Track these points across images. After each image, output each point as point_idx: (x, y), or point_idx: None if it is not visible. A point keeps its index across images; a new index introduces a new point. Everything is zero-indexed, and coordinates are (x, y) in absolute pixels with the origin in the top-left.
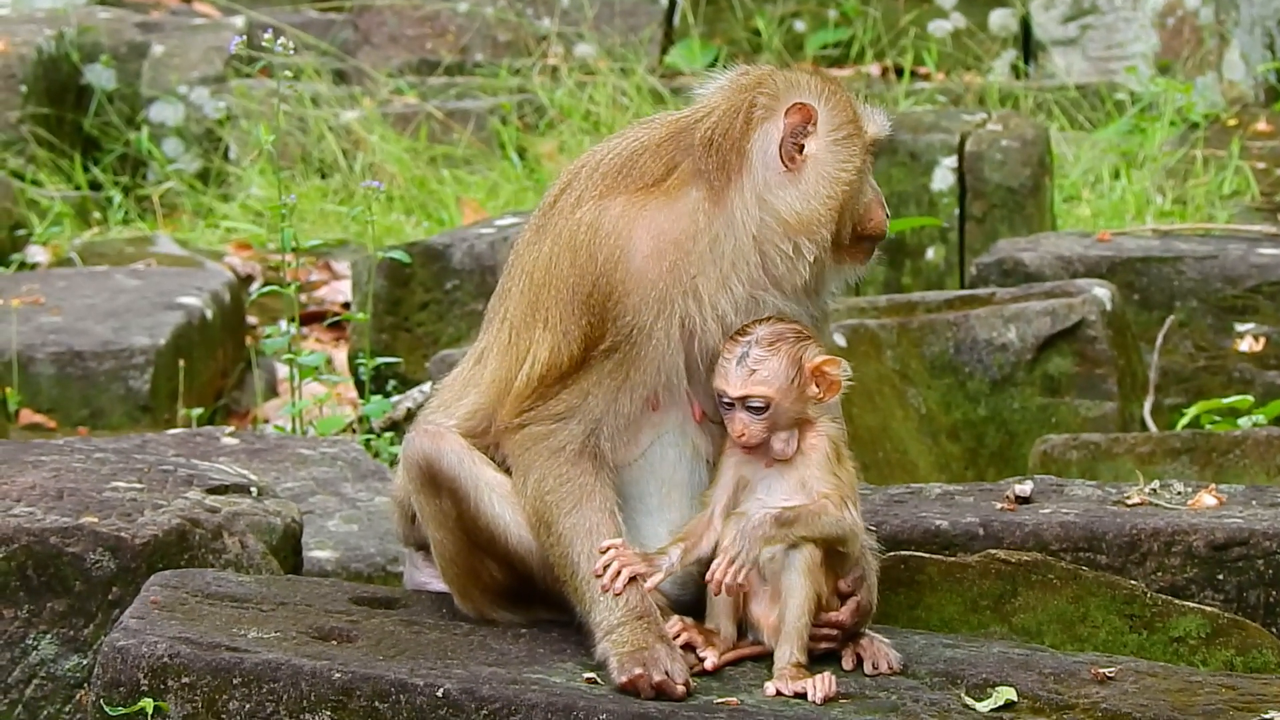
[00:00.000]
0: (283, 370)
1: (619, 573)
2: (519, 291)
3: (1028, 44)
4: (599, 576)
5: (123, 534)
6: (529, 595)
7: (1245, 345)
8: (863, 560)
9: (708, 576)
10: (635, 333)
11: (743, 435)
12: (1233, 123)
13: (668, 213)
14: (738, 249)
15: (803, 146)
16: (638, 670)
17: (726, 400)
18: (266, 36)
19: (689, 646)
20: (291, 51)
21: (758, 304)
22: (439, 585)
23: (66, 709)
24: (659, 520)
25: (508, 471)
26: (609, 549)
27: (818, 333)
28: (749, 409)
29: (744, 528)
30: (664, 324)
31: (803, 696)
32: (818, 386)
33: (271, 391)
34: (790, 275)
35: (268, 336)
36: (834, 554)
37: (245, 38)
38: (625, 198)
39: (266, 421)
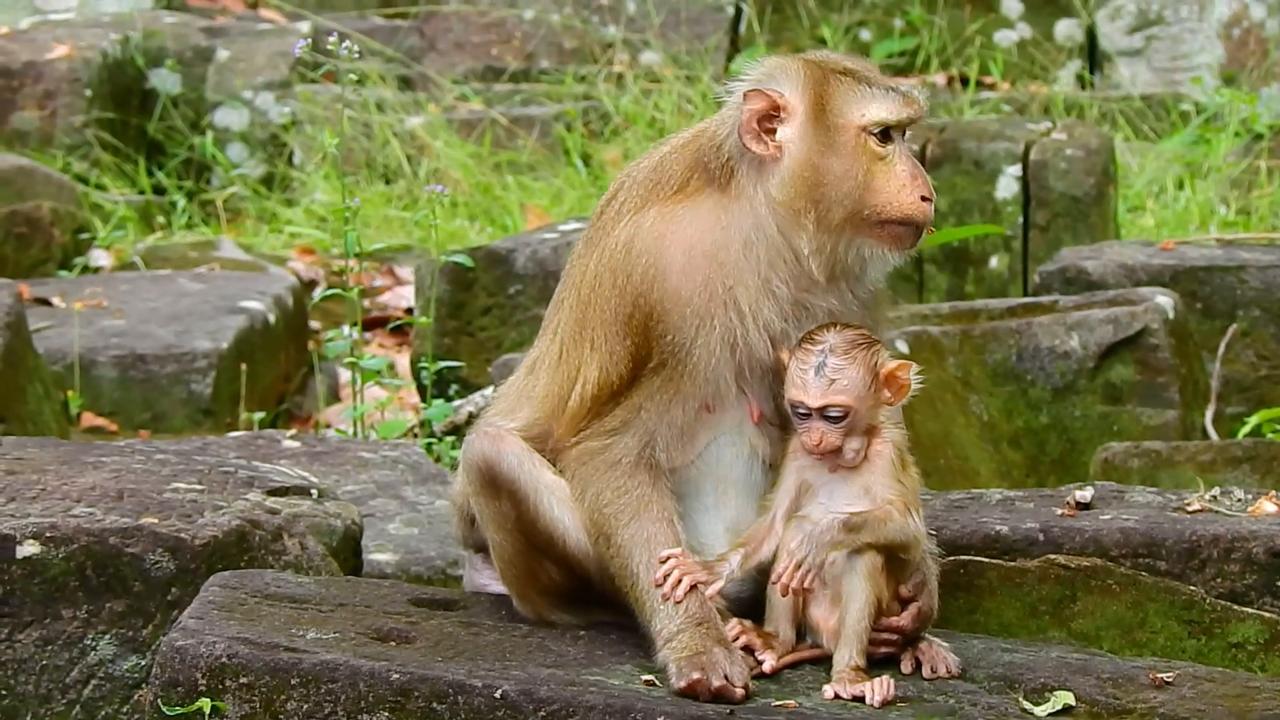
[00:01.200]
0: (345, 375)
1: (679, 581)
2: (569, 306)
3: (1093, 54)
4: (659, 586)
5: (182, 535)
6: (587, 597)
7: None
8: (924, 565)
9: (773, 579)
10: (680, 350)
11: (820, 444)
12: None
13: (695, 223)
14: (769, 246)
15: (775, 132)
16: (696, 675)
17: (803, 410)
18: (331, 40)
19: (747, 649)
20: (356, 56)
21: (805, 308)
22: (498, 587)
23: (124, 709)
24: (715, 518)
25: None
26: (668, 558)
27: (872, 325)
28: (826, 418)
29: (811, 532)
30: (705, 339)
31: (861, 700)
32: (889, 391)
33: (334, 396)
34: (811, 265)
35: (330, 340)
36: (895, 559)
37: (310, 41)
38: (656, 209)
39: (328, 426)
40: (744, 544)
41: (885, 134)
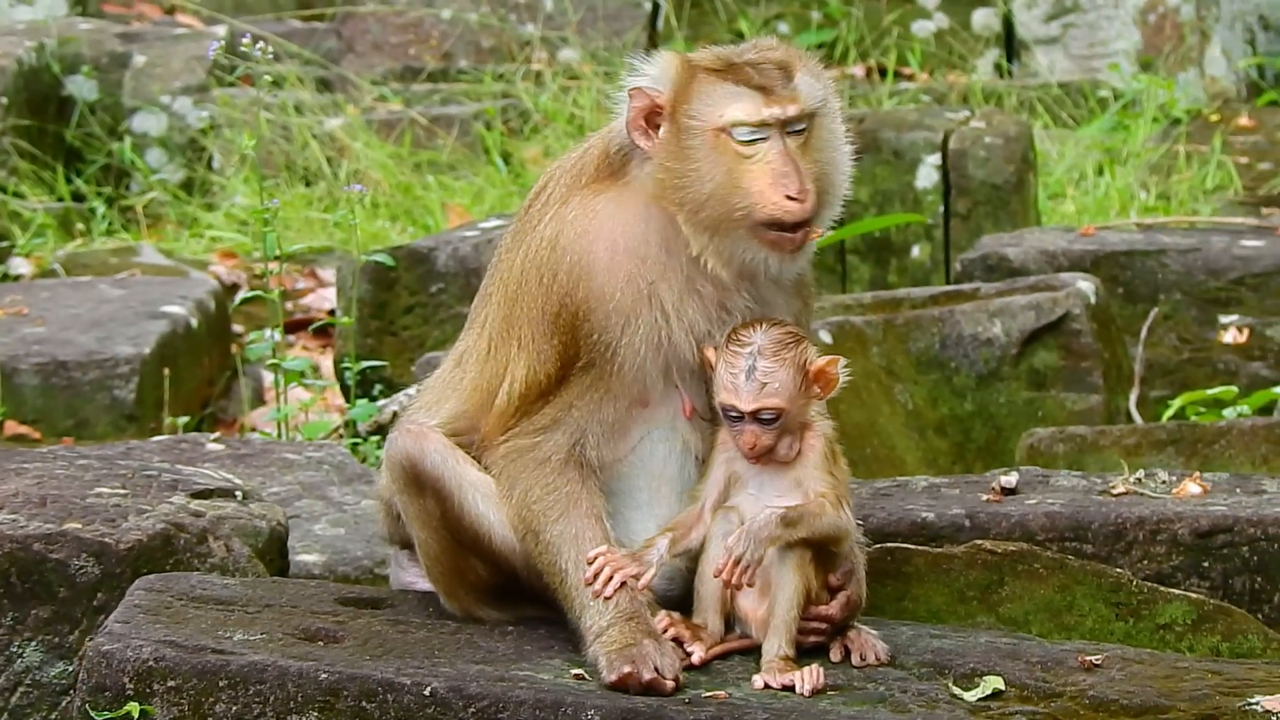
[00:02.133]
0: (269, 378)
1: (610, 578)
2: (497, 302)
3: (1010, 43)
4: (589, 584)
5: (107, 540)
6: (515, 593)
7: (1229, 337)
8: (852, 555)
9: (713, 573)
10: (607, 349)
11: (754, 447)
12: (1215, 118)
13: (617, 218)
14: (683, 243)
15: (658, 128)
16: (627, 668)
17: (735, 414)
18: (245, 42)
19: (676, 641)
20: (271, 58)
21: (726, 308)
22: (425, 585)
23: (53, 716)
24: (648, 515)
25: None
26: (597, 556)
27: (799, 316)
28: (759, 421)
29: (749, 528)
30: (631, 338)
31: (791, 689)
32: (819, 386)
33: (258, 399)
34: (709, 265)
35: (252, 343)
36: (824, 549)
37: (224, 44)
38: (581, 207)
39: (253, 429)
40: (672, 529)
41: (752, 133)
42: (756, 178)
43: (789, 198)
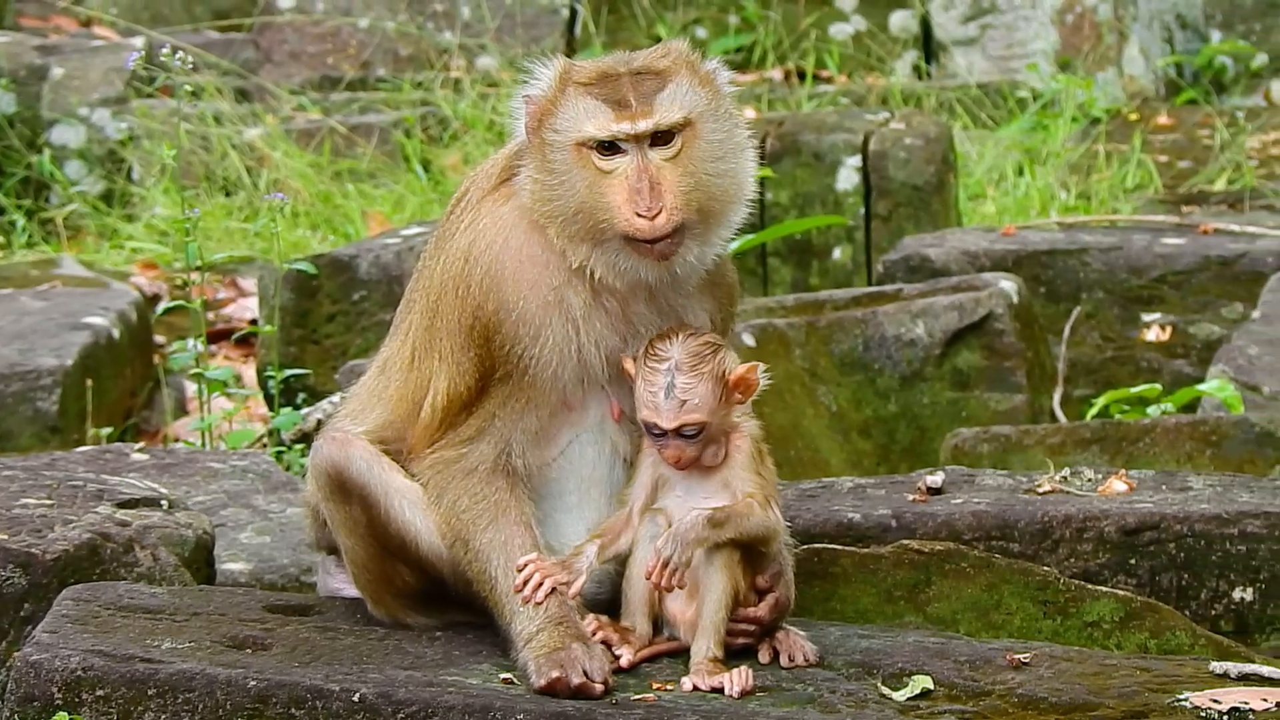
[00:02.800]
0: (191, 388)
1: (539, 584)
2: (419, 310)
3: (928, 45)
4: (519, 591)
5: (33, 550)
6: (442, 599)
7: (1152, 335)
8: (780, 556)
9: (643, 574)
10: (523, 360)
11: (678, 461)
12: (1134, 117)
13: (522, 227)
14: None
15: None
16: (556, 673)
17: (658, 431)
18: (164, 51)
19: (605, 644)
20: (190, 67)
21: (631, 323)
22: (352, 591)
23: None
24: (578, 518)
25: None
26: (526, 564)
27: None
28: (683, 436)
29: (676, 530)
30: (544, 349)
31: (720, 691)
32: (739, 393)
33: (181, 410)
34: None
35: (175, 353)
36: (752, 550)
37: (143, 54)
38: (493, 216)
39: (177, 440)
40: (600, 535)
41: (611, 147)
42: (614, 193)
43: (638, 215)
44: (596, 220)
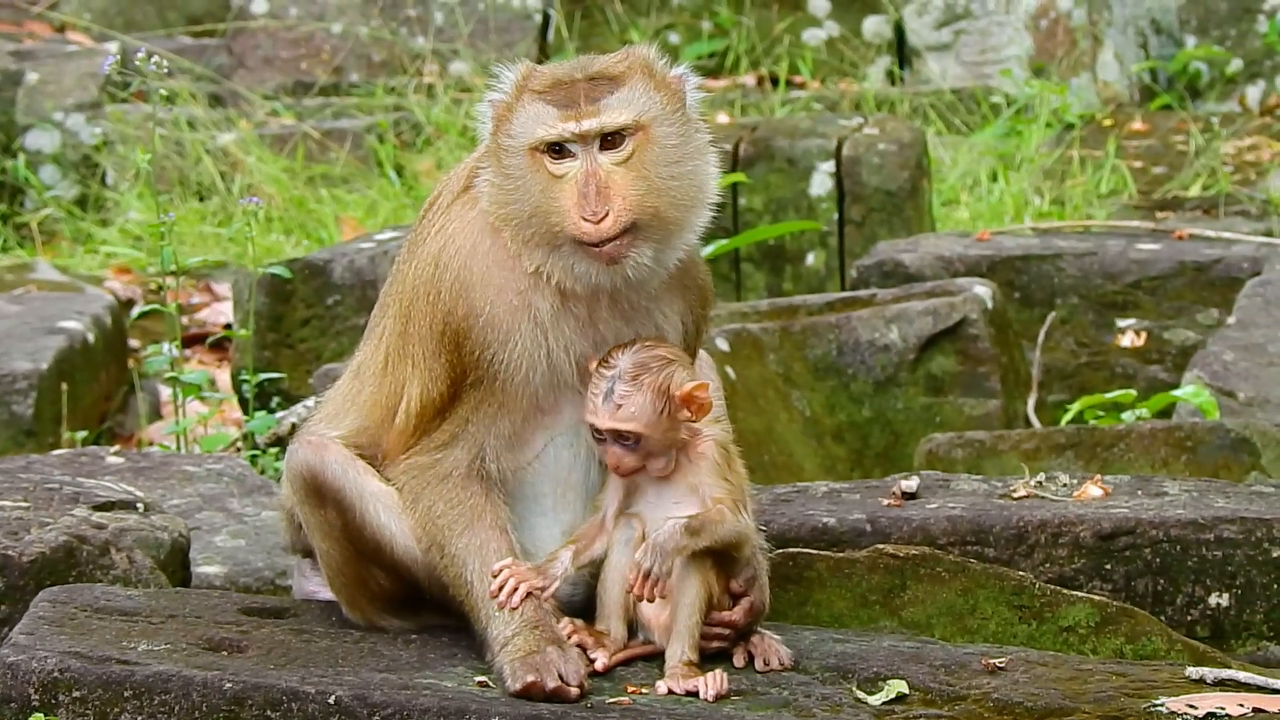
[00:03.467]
0: (166, 392)
1: (515, 589)
2: (393, 315)
3: (902, 50)
4: (495, 596)
5: (9, 552)
6: (417, 602)
7: (1126, 340)
8: (754, 560)
9: (625, 588)
10: (491, 365)
11: (618, 466)
12: (1108, 123)
13: (491, 230)
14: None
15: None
16: (531, 677)
17: (598, 433)
18: (140, 56)
19: (580, 648)
20: (165, 72)
21: (598, 328)
22: (327, 594)
23: None
24: (554, 521)
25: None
26: (501, 569)
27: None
28: (620, 442)
29: (656, 541)
30: (513, 354)
31: (695, 694)
32: (689, 410)
33: (155, 414)
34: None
35: (149, 356)
36: (725, 555)
37: (119, 58)
38: (463, 222)
39: (151, 444)
40: (575, 541)
41: (560, 150)
42: (564, 197)
43: (584, 219)
44: (549, 224)
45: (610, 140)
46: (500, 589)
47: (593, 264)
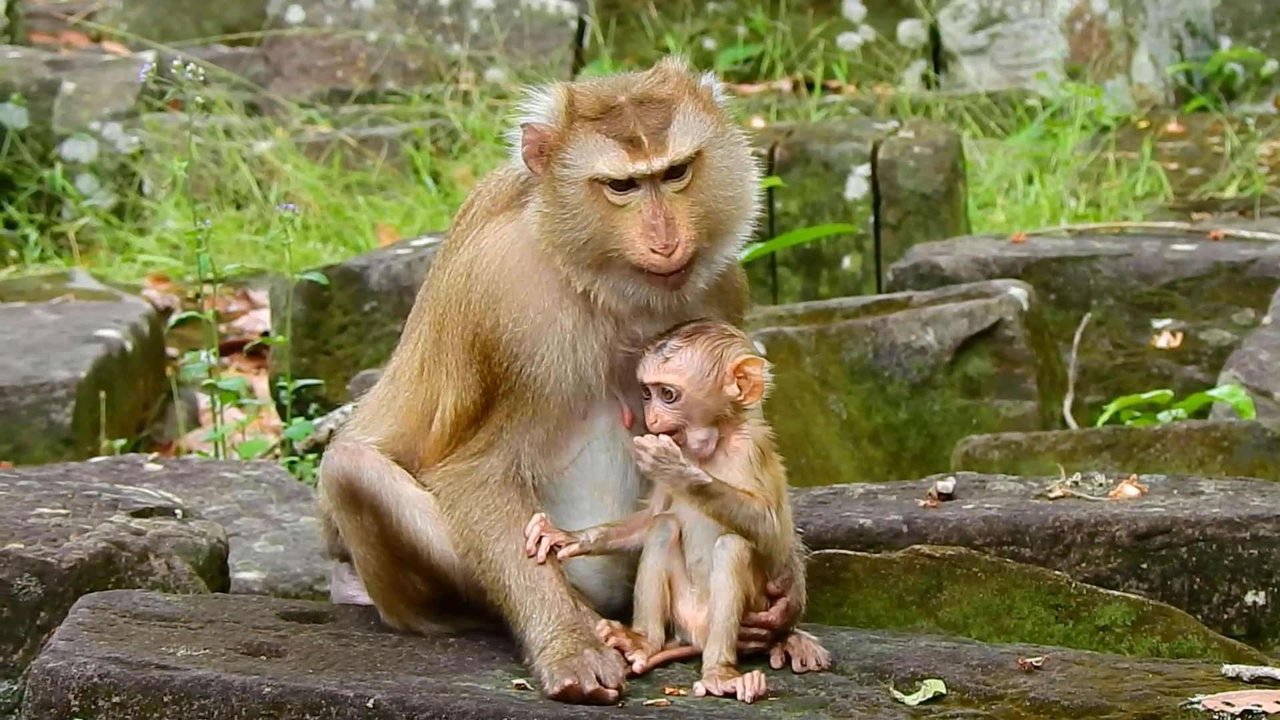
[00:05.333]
0: (204, 401)
1: (539, 539)
2: (428, 322)
3: (937, 54)
4: (530, 555)
5: (49, 559)
6: (454, 606)
7: (1163, 341)
8: (791, 562)
9: (654, 575)
10: (523, 375)
11: (655, 422)
12: (1144, 125)
13: (521, 245)
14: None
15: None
16: (569, 680)
17: (645, 392)
18: (176, 63)
19: (618, 650)
20: (201, 79)
21: (634, 332)
22: (365, 598)
23: None
24: (591, 524)
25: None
26: (533, 524)
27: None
28: (664, 397)
29: (670, 451)
30: (536, 367)
31: (732, 695)
32: (739, 387)
33: (193, 422)
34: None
35: (187, 364)
36: (763, 555)
37: (155, 66)
38: (494, 233)
39: (189, 451)
40: (612, 525)
41: (624, 184)
42: (628, 227)
43: (654, 251)
44: (607, 251)
45: (672, 171)
46: (527, 539)
47: (651, 290)
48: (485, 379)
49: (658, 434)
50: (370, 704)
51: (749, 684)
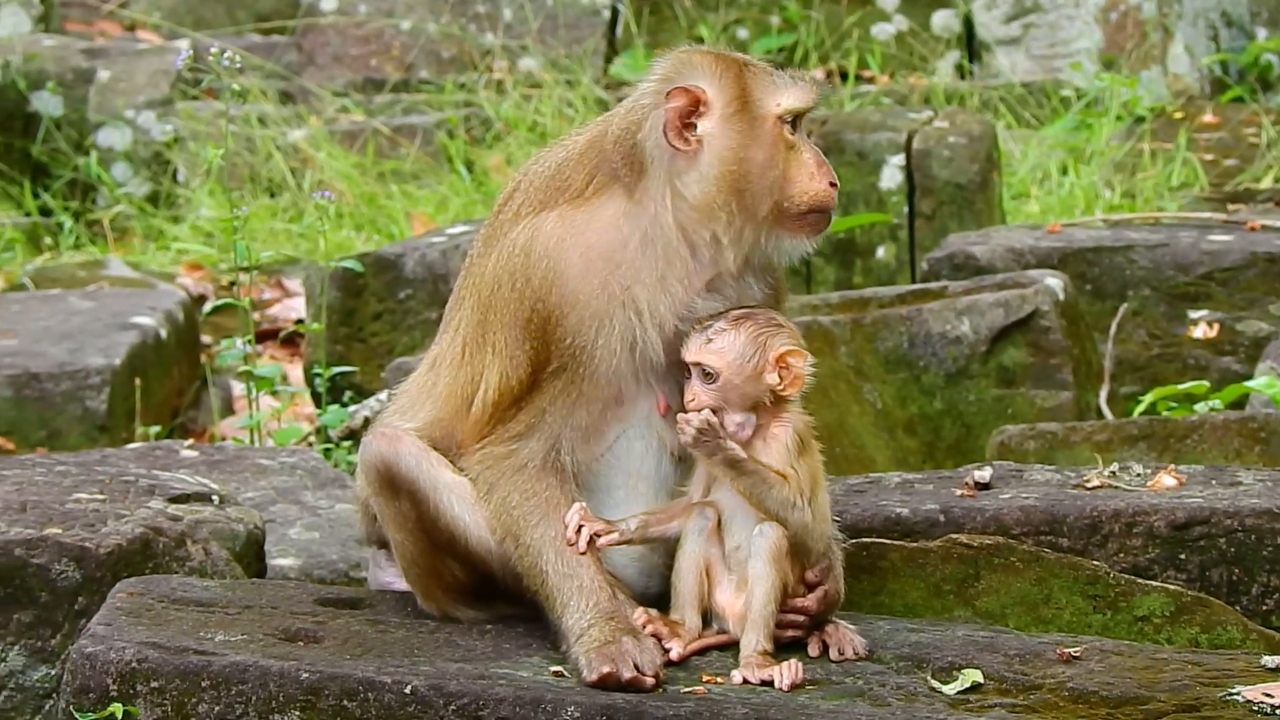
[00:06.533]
0: (238, 388)
1: (579, 528)
2: (470, 306)
3: (971, 44)
4: (570, 544)
5: (87, 544)
6: (491, 592)
7: (1199, 332)
8: (829, 550)
9: (700, 578)
10: (580, 352)
11: (692, 400)
12: (1179, 115)
13: (594, 225)
14: (667, 244)
15: (695, 127)
16: (607, 668)
17: (686, 369)
18: (213, 51)
19: (655, 638)
20: (238, 66)
21: (698, 308)
22: (403, 585)
23: (37, 719)
24: (626, 512)
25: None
26: (573, 511)
27: (774, 306)
28: (702, 377)
29: (706, 418)
30: (605, 340)
31: (769, 684)
32: (779, 377)
33: (228, 409)
34: (720, 259)
35: (223, 350)
36: (799, 544)
37: (191, 54)
38: (555, 213)
39: (224, 439)
40: (651, 513)
41: (794, 122)
42: (803, 166)
43: (831, 184)
44: (785, 194)
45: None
46: (567, 527)
47: (805, 234)
48: (537, 355)
49: (694, 410)
50: (407, 690)
51: (786, 672)
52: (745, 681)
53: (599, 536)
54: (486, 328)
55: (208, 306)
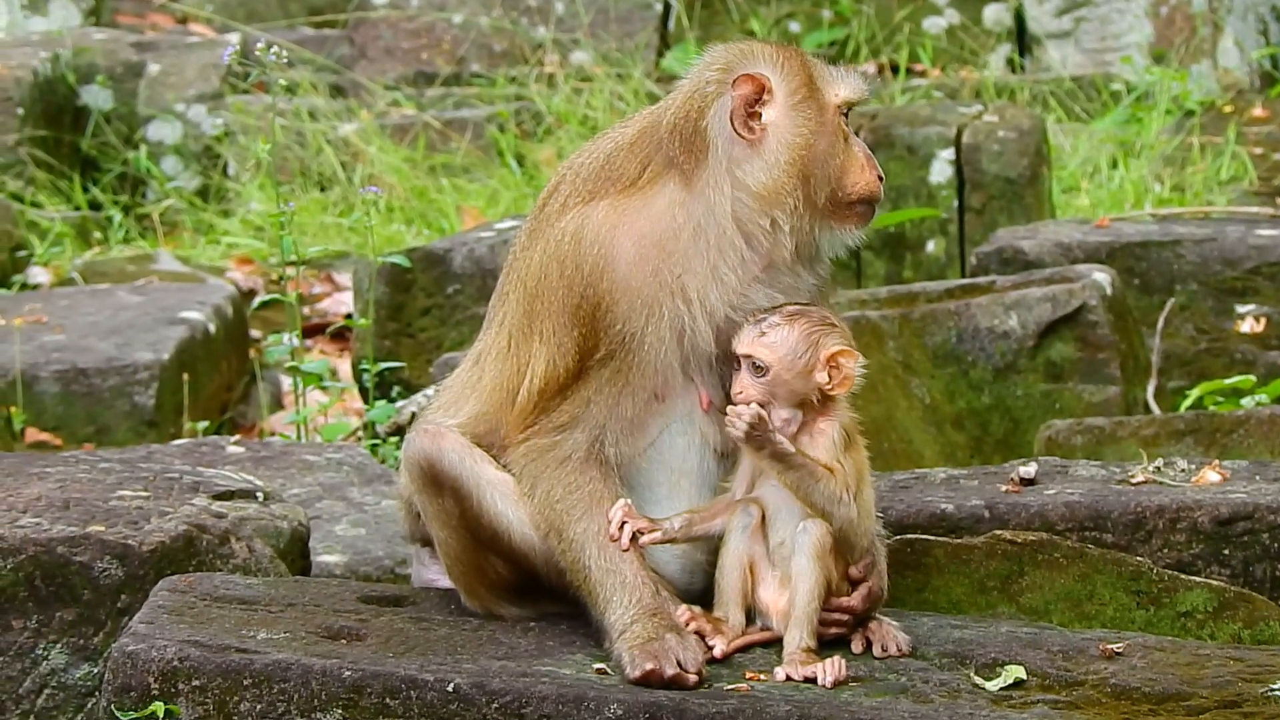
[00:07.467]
0: (287, 383)
1: (622, 525)
2: (515, 299)
3: (1022, 38)
4: (614, 540)
5: (130, 541)
6: (535, 590)
7: (1246, 326)
8: (873, 546)
9: (743, 574)
10: (628, 340)
11: (740, 392)
12: (1229, 109)
13: (646, 213)
14: (720, 233)
15: (760, 115)
16: (650, 665)
17: (737, 361)
18: (260, 46)
19: (698, 635)
20: (285, 62)
21: (748, 297)
22: (446, 582)
23: (79, 717)
24: (668, 509)
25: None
26: (616, 508)
27: (822, 299)
28: (752, 370)
29: (755, 409)
30: (654, 328)
31: (813, 681)
32: (829, 376)
33: (276, 404)
34: (775, 248)
35: (271, 345)
36: (843, 540)
37: (238, 48)
38: (606, 202)
39: (272, 434)
40: (695, 511)
41: (846, 114)
42: (855, 157)
43: (879, 177)
44: (839, 184)
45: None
46: (610, 523)
47: (852, 225)
48: (585, 342)
49: (742, 402)
50: (450, 688)
51: (830, 669)
52: (788, 678)
53: (641, 534)
54: (533, 317)
55: (256, 301)
